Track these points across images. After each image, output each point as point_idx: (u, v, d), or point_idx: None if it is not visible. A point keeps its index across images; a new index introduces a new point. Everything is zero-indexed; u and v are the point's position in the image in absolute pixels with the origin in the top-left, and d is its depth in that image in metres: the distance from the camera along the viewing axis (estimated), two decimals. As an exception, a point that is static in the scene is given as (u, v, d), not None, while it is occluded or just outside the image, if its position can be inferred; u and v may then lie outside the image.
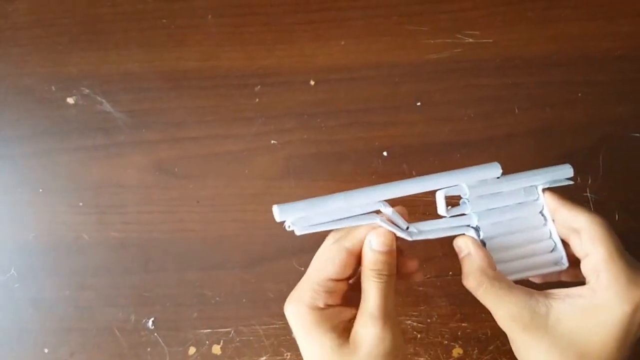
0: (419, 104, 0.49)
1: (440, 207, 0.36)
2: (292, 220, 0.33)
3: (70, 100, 0.50)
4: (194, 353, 0.48)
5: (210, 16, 0.51)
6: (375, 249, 0.33)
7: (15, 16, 0.51)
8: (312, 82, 0.50)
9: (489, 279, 0.34)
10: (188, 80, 0.50)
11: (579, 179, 0.48)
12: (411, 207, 0.48)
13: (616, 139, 0.49)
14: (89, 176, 0.49)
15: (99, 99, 0.50)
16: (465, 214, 0.36)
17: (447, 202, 0.36)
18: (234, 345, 0.48)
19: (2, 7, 0.51)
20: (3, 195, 0.49)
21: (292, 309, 0.33)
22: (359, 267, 0.35)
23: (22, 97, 0.50)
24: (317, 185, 0.49)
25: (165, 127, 0.50)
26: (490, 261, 0.35)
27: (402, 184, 0.35)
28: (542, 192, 0.37)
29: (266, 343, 0.48)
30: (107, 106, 0.50)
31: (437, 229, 0.36)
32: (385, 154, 0.49)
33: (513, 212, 0.37)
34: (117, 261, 0.49)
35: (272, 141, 0.49)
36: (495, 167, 0.36)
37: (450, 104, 0.49)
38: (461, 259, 0.36)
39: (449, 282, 0.48)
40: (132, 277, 0.48)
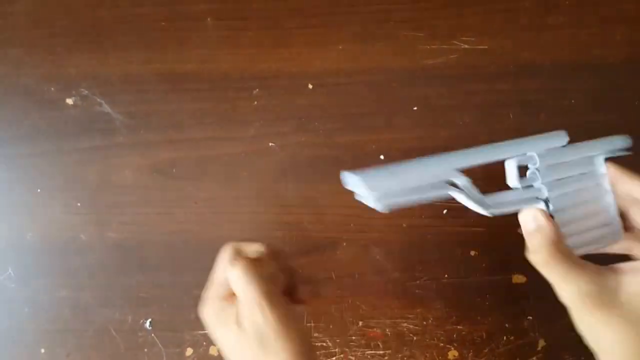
0: (415, 108, 0.50)
1: (511, 178, 0.33)
2: (379, 194, 0.29)
3: (70, 101, 0.50)
4: (191, 354, 0.48)
5: (209, 19, 0.51)
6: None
7: (15, 18, 0.51)
8: (310, 86, 0.50)
9: (560, 253, 0.32)
10: (187, 83, 0.50)
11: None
12: (407, 211, 0.49)
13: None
14: (87, 177, 0.49)
15: (98, 100, 0.50)
16: (533, 185, 0.34)
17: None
18: (230, 346, 0.48)
19: (1, 8, 0.51)
20: (1, 195, 0.49)
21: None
22: None
23: (21, 97, 0.50)
24: (314, 188, 0.49)
25: (163, 128, 0.50)
26: (561, 235, 0.33)
27: (475, 151, 0.32)
28: (604, 162, 0.35)
29: (262, 344, 0.48)
30: (106, 107, 0.50)
31: (508, 202, 0.33)
32: (382, 157, 0.49)
33: (578, 183, 0.35)
34: (114, 262, 0.49)
35: (270, 144, 0.50)
36: (562, 135, 0.34)
37: (446, 109, 0.50)
38: (528, 232, 0.33)
39: (444, 285, 0.49)
40: (129, 278, 0.48)
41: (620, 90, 0.50)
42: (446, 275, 0.49)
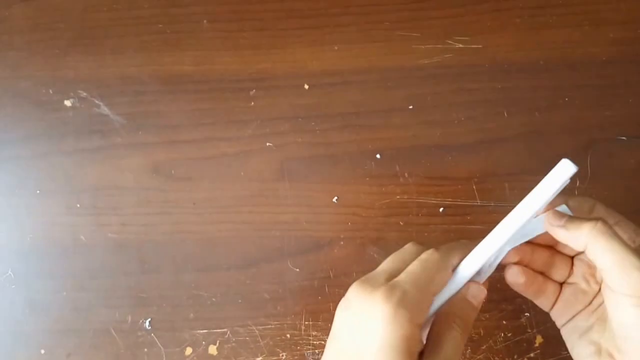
0: (411, 107, 0.50)
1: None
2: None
3: (68, 102, 0.50)
4: (191, 353, 0.48)
5: (205, 21, 0.51)
6: (471, 302, 0.34)
7: (12, 20, 0.52)
8: (306, 86, 0.51)
9: None
10: (184, 84, 0.51)
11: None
12: (404, 209, 0.49)
13: (603, 143, 0.50)
14: (86, 178, 0.50)
15: (96, 101, 0.50)
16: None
17: None
18: (230, 345, 0.48)
19: (-1, 11, 0.51)
20: (1, 196, 0.50)
21: (404, 322, 0.30)
22: None
23: (19, 100, 0.50)
24: (311, 188, 0.50)
25: (161, 129, 0.50)
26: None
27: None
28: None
29: (262, 343, 0.48)
30: (104, 109, 0.50)
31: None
32: (378, 156, 0.50)
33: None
34: (113, 262, 0.49)
35: (268, 144, 0.50)
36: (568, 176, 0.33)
37: (441, 108, 0.50)
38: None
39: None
40: (129, 278, 0.49)
41: (614, 88, 0.50)
42: (443, 273, 0.49)
